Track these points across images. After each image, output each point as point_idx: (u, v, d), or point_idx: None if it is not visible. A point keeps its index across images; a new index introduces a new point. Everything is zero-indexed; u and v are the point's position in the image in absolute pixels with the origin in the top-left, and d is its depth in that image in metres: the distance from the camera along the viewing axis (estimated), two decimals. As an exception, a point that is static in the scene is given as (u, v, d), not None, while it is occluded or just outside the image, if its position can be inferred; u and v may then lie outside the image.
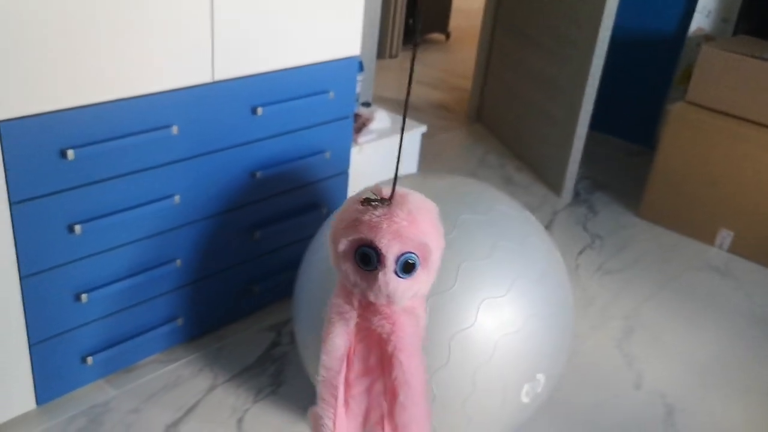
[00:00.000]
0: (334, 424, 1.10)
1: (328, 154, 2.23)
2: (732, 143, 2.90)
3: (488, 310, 1.55)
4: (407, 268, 0.98)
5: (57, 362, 1.84)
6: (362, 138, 2.52)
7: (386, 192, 1.01)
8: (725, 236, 3.01)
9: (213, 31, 1.81)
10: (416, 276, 1.00)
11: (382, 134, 2.61)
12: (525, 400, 1.64)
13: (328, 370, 1.09)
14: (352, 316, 1.06)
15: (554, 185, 3.39)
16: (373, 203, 0.99)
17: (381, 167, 2.62)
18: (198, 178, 1.93)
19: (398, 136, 2.65)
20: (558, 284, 1.70)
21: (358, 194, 1.03)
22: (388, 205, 0.98)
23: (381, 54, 5.14)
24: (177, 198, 1.90)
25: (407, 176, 1.85)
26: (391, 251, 0.97)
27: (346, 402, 1.12)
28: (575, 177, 3.32)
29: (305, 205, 2.27)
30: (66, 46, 1.56)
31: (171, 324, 2.06)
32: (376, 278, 0.98)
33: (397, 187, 1.00)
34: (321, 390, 1.11)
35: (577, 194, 3.41)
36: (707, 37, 3.64)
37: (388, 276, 0.98)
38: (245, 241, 2.14)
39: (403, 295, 1.00)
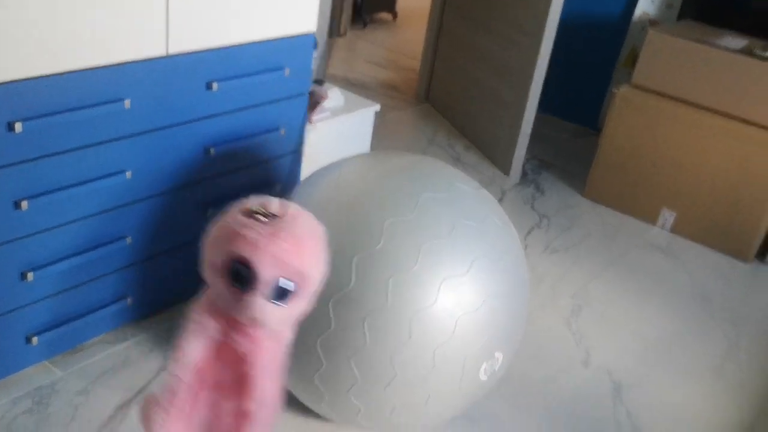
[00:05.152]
0: (162, 429, 1.02)
1: (282, 132, 2.20)
2: (675, 126, 2.97)
3: (449, 289, 1.55)
4: (281, 294, 0.89)
5: (0, 343, 1.78)
6: (316, 116, 2.49)
7: (276, 208, 0.90)
8: (667, 216, 3.09)
9: (168, 3, 1.75)
10: (289, 303, 0.91)
11: (336, 112, 2.59)
12: (483, 378, 1.66)
13: (174, 377, 1.01)
14: (213, 332, 0.97)
15: (502, 165, 3.42)
16: (259, 217, 0.89)
17: (334, 146, 2.59)
18: (150, 153, 1.88)
19: (353, 114, 2.63)
20: (515, 264, 1.71)
21: (246, 202, 0.91)
22: (274, 222, 0.88)
23: (330, 32, 5.08)
24: (128, 173, 1.85)
25: (368, 154, 1.83)
26: (266, 274, 0.87)
27: (189, 413, 1.04)
28: (523, 157, 3.35)
29: (259, 182, 2.23)
30: (13, 16, 1.49)
31: (120, 303, 2.01)
32: (245, 298, 0.90)
33: (291, 204, 0.88)
34: (162, 393, 1.02)
35: (524, 174, 3.45)
36: (652, 22, 3.71)
37: (258, 300, 0.89)
38: (198, 219, 2.10)
39: (271, 321, 0.91)
